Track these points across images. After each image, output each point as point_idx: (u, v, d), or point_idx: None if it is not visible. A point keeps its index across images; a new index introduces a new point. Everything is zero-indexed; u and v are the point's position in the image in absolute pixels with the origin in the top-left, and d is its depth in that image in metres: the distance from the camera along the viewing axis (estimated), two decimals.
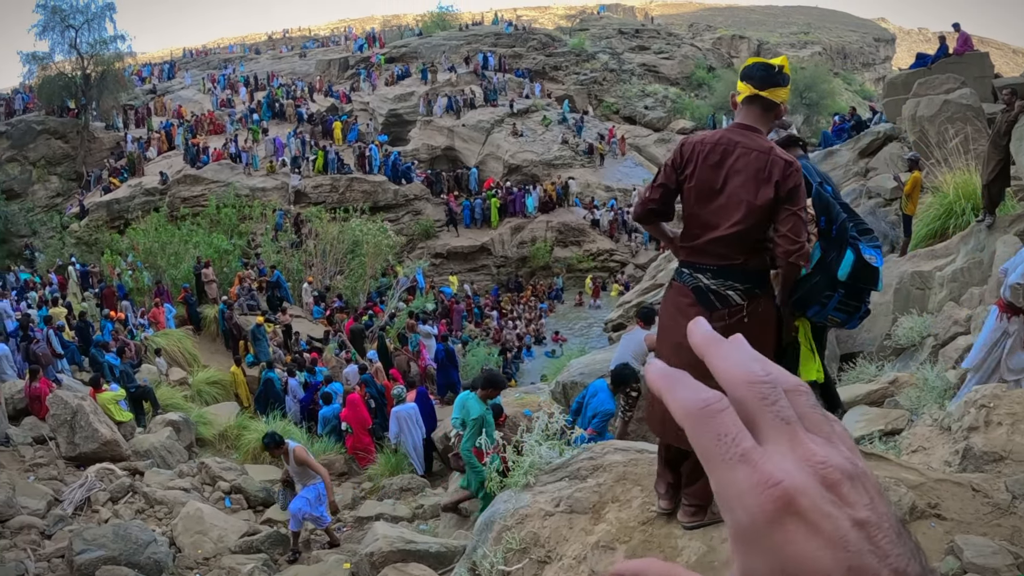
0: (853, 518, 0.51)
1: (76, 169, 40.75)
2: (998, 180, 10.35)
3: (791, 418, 0.54)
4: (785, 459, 0.52)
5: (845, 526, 0.50)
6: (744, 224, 3.57)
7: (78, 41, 40.82)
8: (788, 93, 3.73)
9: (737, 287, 3.64)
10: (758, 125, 3.70)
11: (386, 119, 43.83)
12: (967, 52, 18.74)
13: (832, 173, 17.63)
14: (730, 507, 0.52)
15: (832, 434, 0.56)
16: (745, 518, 0.51)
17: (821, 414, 0.57)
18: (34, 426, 12.45)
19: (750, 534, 0.51)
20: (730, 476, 0.52)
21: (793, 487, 0.50)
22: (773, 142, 3.67)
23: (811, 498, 0.50)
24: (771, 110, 3.71)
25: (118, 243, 28.31)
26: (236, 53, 64.52)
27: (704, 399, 0.54)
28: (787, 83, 3.72)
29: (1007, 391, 5.84)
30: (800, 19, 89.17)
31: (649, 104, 49.38)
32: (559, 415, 5.37)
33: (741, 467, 0.51)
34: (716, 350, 0.59)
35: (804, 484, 0.51)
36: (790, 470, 0.51)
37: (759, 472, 0.51)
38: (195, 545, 9.17)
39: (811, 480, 0.51)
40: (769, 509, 0.50)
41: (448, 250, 34.90)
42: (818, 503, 0.50)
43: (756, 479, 0.51)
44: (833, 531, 0.50)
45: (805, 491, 0.51)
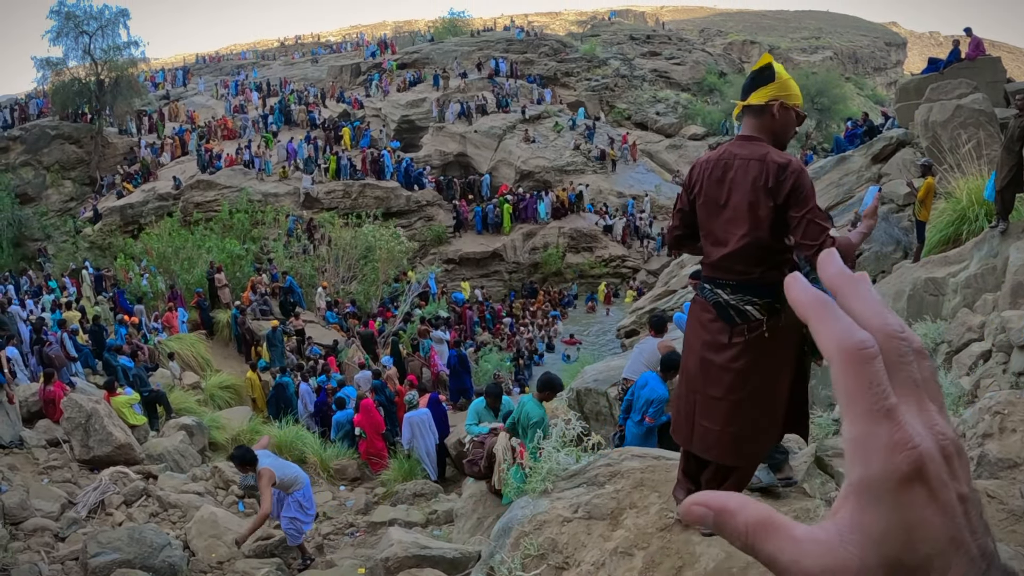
0: (959, 492, 0.53)
1: (90, 174, 40.92)
2: (1011, 185, 10.30)
3: (919, 381, 0.56)
4: (917, 422, 0.54)
5: (954, 499, 0.52)
6: (751, 236, 3.56)
7: (92, 47, 41.03)
8: (775, 89, 3.62)
9: (755, 302, 3.61)
10: (756, 133, 3.68)
11: (398, 125, 43.95)
12: (979, 57, 18.69)
13: (845, 179, 17.64)
14: (865, 458, 0.53)
15: (943, 404, 0.57)
16: (880, 472, 0.52)
17: (938, 382, 0.58)
18: (48, 429, 12.50)
19: (879, 488, 0.53)
20: (874, 428, 0.53)
21: (926, 452, 0.52)
22: (770, 147, 3.61)
23: (936, 467, 0.52)
24: (763, 114, 3.66)
25: (131, 248, 28.42)
26: (249, 59, 64.88)
27: (861, 340, 0.54)
28: (769, 80, 3.64)
29: (1021, 397, 5.82)
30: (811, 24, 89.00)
31: (661, 110, 49.43)
32: (576, 421, 5.38)
33: (885, 422, 0.53)
34: (853, 290, 0.59)
35: (933, 452, 0.53)
36: (924, 434, 0.53)
37: (903, 432, 0.52)
38: (209, 549, 9.19)
39: (935, 449, 0.53)
40: (904, 470, 0.52)
41: (460, 256, 34.92)
42: (940, 473, 0.52)
43: (899, 438, 0.52)
44: (947, 501, 0.52)
45: (933, 459, 0.52)
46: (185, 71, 57.45)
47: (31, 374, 15.27)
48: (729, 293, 3.66)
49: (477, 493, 8.81)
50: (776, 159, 3.51)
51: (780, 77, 3.65)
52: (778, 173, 3.48)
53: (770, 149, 3.58)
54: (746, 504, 0.57)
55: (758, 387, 3.62)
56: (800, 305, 0.58)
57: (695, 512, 0.58)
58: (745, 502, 0.57)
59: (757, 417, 3.65)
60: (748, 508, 0.57)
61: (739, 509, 0.57)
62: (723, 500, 0.58)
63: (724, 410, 3.66)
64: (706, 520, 0.58)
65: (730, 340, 3.64)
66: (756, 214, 3.53)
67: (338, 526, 11.08)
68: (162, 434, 14.17)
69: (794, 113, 3.68)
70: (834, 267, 0.61)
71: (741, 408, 3.63)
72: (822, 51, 75.16)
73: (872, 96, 65.10)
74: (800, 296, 0.59)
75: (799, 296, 0.59)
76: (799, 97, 3.71)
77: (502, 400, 9.11)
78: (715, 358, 3.69)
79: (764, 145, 3.61)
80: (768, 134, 3.65)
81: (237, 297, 23.91)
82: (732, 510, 0.57)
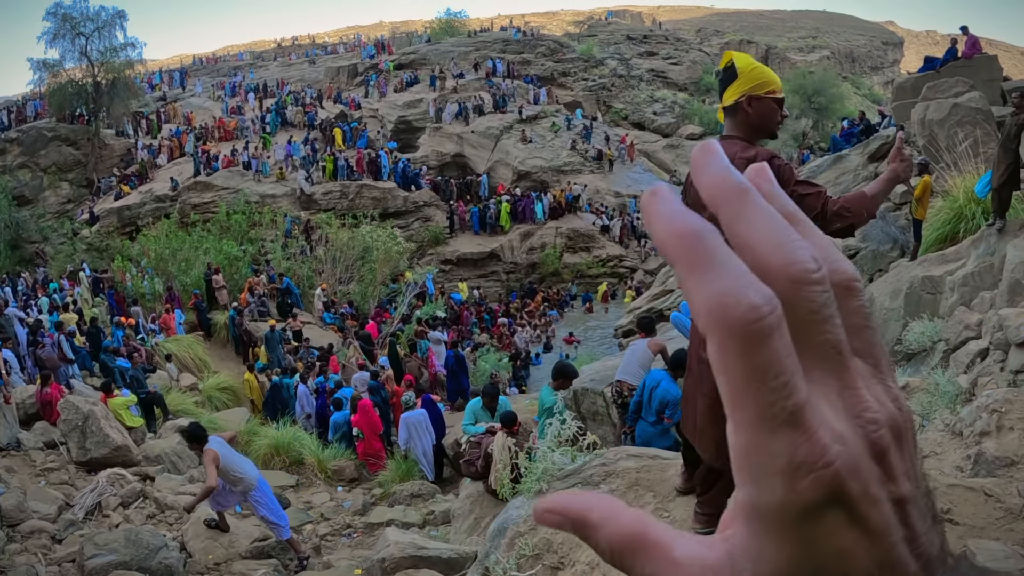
0: (894, 497, 0.40)
1: (87, 176, 40.89)
2: (1008, 184, 10.31)
3: (843, 344, 0.41)
4: (836, 413, 0.39)
5: (887, 511, 0.39)
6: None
7: (89, 48, 40.97)
8: (741, 84, 3.53)
9: None
10: (733, 132, 3.62)
11: (395, 126, 43.94)
12: (976, 55, 18.70)
13: (842, 178, 17.64)
14: (754, 478, 0.39)
15: (881, 359, 0.43)
16: (775, 501, 0.38)
17: (873, 326, 0.44)
18: (45, 431, 12.49)
19: (774, 519, 0.39)
20: (767, 440, 0.38)
21: (846, 467, 0.38)
22: (744, 143, 3.54)
23: (862, 480, 0.38)
24: (736, 113, 3.58)
25: (129, 249, 28.39)
26: (246, 60, 64.86)
27: (753, 306, 0.37)
28: (733, 78, 3.54)
29: (1019, 395, 5.82)
30: (808, 23, 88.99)
31: (658, 110, 49.48)
32: (571, 421, 5.38)
33: (785, 431, 0.38)
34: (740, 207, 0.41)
35: (856, 460, 0.39)
36: (845, 437, 0.39)
37: (810, 443, 0.37)
38: (206, 550, 9.18)
39: (862, 451, 0.39)
40: (810, 498, 0.38)
41: (458, 256, 34.92)
42: (867, 486, 0.39)
43: (804, 454, 0.37)
44: (877, 520, 0.39)
45: (857, 471, 0.38)
46: (182, 73, 57.43)
47: (28, 376, 15.25)
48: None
49: (474, 493, 8.81)
50: (743, 155, 3.42)
51: (744, 71, 3.54)
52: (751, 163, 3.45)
53: (741, 147, 3.50)
54: (613, 515, 0.43)
55: None
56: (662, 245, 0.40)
57: (547, 519, 0.45)
58: (613, 512, 0.43)
59: None
60: (613, 521, 0.43)
61: (602, 522, 0.43)
62: (583, 508, 0.44)
63: (711, 409, 3.60)
64: (564, 529, 0.44)
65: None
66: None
67: (335, 527, 11.07)
68: (159, 436, 14.16)
69: (770, 100, 3.55)
70: (710, 173, 0.42)
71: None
72: (819, 50, 75.19)
73: (869, 95, 65.15)
74: (661, 229, 0.40)
75: (660, 230, 0.40)
76: (771, 82, 3.57)
77: (499, 400, 9.11)
78: (706, 355, 3.67)
79: (737, 143, 3.54)
80: (746, 129, 3.59)
81: (235, 298, 23.89)
82: (593, 524, 0.43)
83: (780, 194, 0.44)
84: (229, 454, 8.70)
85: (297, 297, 24.90)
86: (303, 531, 10.89)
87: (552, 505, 0.45)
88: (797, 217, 0.43)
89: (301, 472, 13.80)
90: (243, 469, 8.81)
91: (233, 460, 8.73)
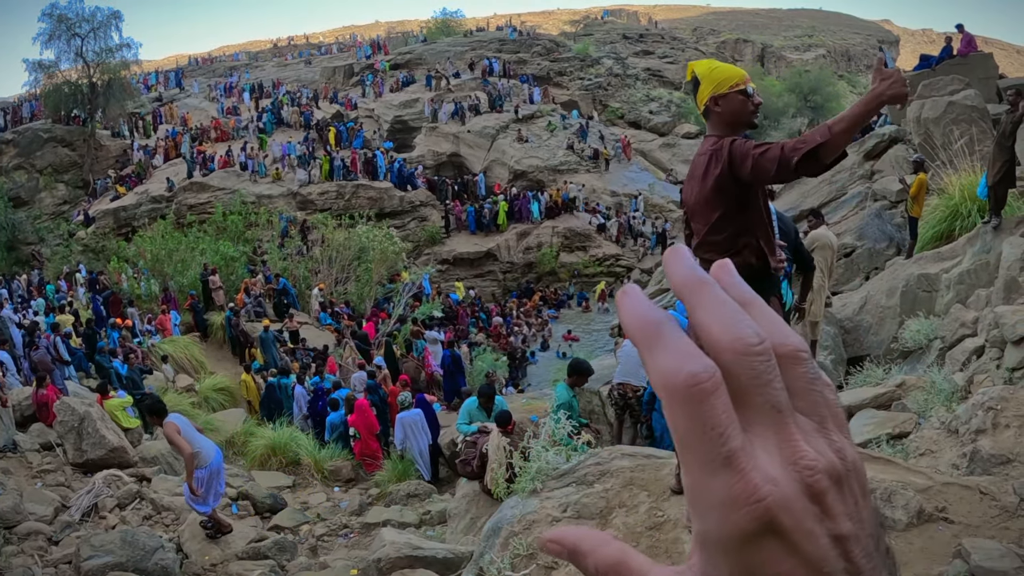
0: (833, 533, 0.45)
1: (83, 177, 40.83)
2: (1004, 181, 10.32)
3: (783, 404, 0.47)
4: (772, 460, 0.46)
5: (824, 544, 0.45)
6: (704, 223, 3.71)
7: (84, 49, 40.90)
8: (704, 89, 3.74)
9: None
10: (712, 132, 3.78)
11: (391, 126, 43.90)
12: (971, 53, 18.70)
13: (837, 176, 17.65)
14: (699, 513, 0.46)
15: (827, 416, 0.49)
16: (716, 530, 0.45)
17: (817, 389, 0.50)
18: (41, 432, 12.47)
19: (717, 546, 0.46)
20: (708, 480, 0.45)
21: (776, 504, 0.44)
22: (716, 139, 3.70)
23: (794, 515, 0.44)
24: (709, 115, 3.78)
25: (125, 250, 28.35)
26: (242, 61, 64.83)
27: (693, 373, 0.45)
28: (698, 86, 3.78)
29: (1015, 393, 5.82)
30: (804, 22, 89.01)
31: (654, 108, 49.47)
32: (565, 420, 5.37)
33: (722, 472, 0.45)
34: (699, 297, 0.49)
35: (789, 498, 0.45)
36: (777, 479, 0.45)
37: (744, 483, 0.44)
38: (202, 551, 9.17)
39: (797, 492, 0.45)
40: (746, 528, 0.44)
41: (454, 256, 34.89)
42: (801, 521, 0.45)
43: (738, 491, 0.44)
44: (812, 552, 0.45)
45: (789, 507, 0.44)
46: (178, 73, 57.34)
47: (24, 378, 15.23)
48: None
49: (470, 493, 8.80)
50: (710, 148, 3.67)
51: (704, 76, 3.75)
52: (716, 153, 3.60)
53: (711, 143, 3.69)
54: (601, 544, 0.52)
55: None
56: (629, 331, 0.49)
57: (550, 548, 0.54)
58: (601, 542, 0.52)
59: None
60: (601, 549, 0.51)
61: (591, 551, 0.51)
62: (576, 538, 0.52)
63: None
64: (562, 557, 0.53)
65: None
66: (710, 203, 3.66)
67: (332, 527, 11.05)
68: (156, 437, 14.13)
69: (735, 94, 3.70)
70: (679, 270, 0.51)
71: None
72: (815, 49, 75.21)
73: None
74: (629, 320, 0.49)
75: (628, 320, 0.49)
76: (731, 78, 3.72)
77: (495, 400, 9.11)
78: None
79: (710, 140, 3.73)
80: (722, 127, 3.73)
81: (231, 299, 23.87)
82: (584, 551, 0.52)
83: (738, 283, 0.52)
84: (188, 428, 8.75)
85: (293, 297, 24.87)
86: (300, 531, 10.89)
87: (553, 536, 0.53)
88: (752, 302, 0.51)
89: (298, 472, 13.79)
90: (200, 444, 8.84)
91: (192, 434, 8.77)
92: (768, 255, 3.76)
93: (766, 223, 3.76)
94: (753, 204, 3.69)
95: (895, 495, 4.06)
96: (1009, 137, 10.19)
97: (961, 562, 3.59)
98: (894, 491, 4.07)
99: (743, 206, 3.67)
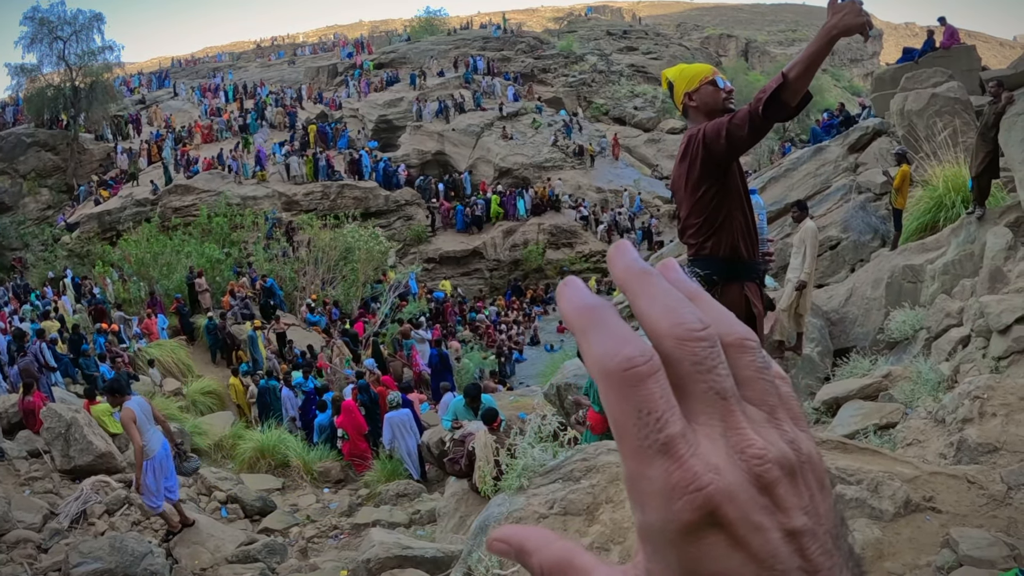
0: (785, 528, 0.43)
1: (67, 181, 40.61)
2: (987, 172, 10.38)
3: (728, 391, 0.45)
4: (716, 449, 0.43)
5: (775, 539, 0.42)
6: (685, 207, 3.80)
7: (66, 52, 40.70)
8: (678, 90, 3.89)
9: (698, 272, 3.76)
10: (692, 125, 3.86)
11: (376, 125, 43.83)
12: (954, 46, 18.78)
13: (822, 169, 17.71)
14: (640, 502, 0.44)
15: (777, 406, 0.47)
16: (656, 521, 0.43)
17: (767, 378, 0.48)
18: (28, 440, 12.39)
19: (658, 538, 0.43)
20: (644, 468, 0.42)
21: (719, 492, 0.41)
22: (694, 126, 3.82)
23: (740, 506, 0.42)
24: (688, 112, 3.91)
25: (110, 255, 28.18)
26: (225, 62, 64.64)
27: (628, 356, 0.43)
28: (672, 90, 3.96)
29: (1001, 382, 5.84)
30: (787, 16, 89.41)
31: (638, 104, 49.48)
32: (551, 417, 5.37)
33: (660, 460, 0.42)
34: (641, 286, 0.47)
35: (734, 488, 0.42)
36: (720, 467, 0.42)
37: (682, 470, 0.42)
38: (192, 556, 9.14)
39: (743, 481, 0.42)
40: (686, 519, 0.42)
41: (440, 255, 34.87)
42: (747, 513, 0.42)
43: (676, 479, 0.42)
44: (761, 546, 0.42)
45: (734, 497, 0.42)
46: (161, 75, 57.06)
47: (11, 385, 15.14)
48: (688, 267, 3.85)
49: (459, 491, 8.80)
50: (689, 134, 3.76)
51: (676, 78, 3.93)
52: (694, 138, 3.68)
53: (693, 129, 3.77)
54: (546, 543, 0.49)
55: None
56: (567, 319, 0.47)
57: (495, 547, 0.52)
58: (545, 541, 0.49)
59: None
60: (546, 548, 0.49)
61: (536, 549, 0.49)
62: (522, 537, 0.50)
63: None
64: (509, 556, 0.51)
65: None
66: (689, 187, 3.74)
67: (322, 529, 11.04)
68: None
69: (706, 86, 3.83)
70: (620, 263, 0.49)
71: None
72: (799, 43, 75.42)
73: (849, 87, 65.48)
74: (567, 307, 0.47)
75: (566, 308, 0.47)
76: (699, 74, 3.88)
77: (481, 399, 9.11)
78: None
79: (691, 128, 3.80)
80: (700, 119, 3.84)
81: (218, 302, 23.77)
82: (528, 550, 0.49)
83: (684, 279, 0.50)
84: (143, 419, 8.72)
85: (280, 299, 24.79)
86: (290, 534, 10.86)
87: (499, 535, 0.52)
88: (699, 296, 0.49)
89: (287, 474, 13.76)
90: (148, 436, 8.82)
91: (144, 426, 8.77)
92: (747, 240, 3.78)
93: (744, 208, 3.79)
94: (731, 187, 3.74)
95: (882, 485, 4.06)
96: (992, 128, 10.23)
97: (949, 551, 3.60)
98: (881, 481, 4.08)
99: (720, 190, 3.71)
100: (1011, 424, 5.27)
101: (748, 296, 3.79)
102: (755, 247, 3.85)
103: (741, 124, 3.40)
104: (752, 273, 3.85)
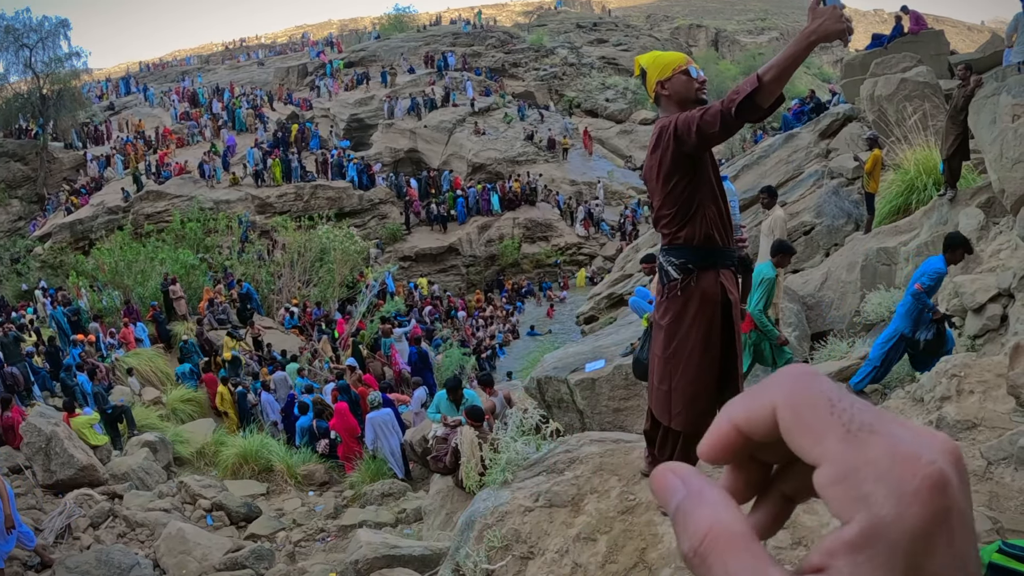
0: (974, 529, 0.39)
1: (37, 191, 40.16)
2: (957, 154, 10.48)
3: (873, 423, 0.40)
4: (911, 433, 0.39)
5: (972, 543, 0.38)
6: (658, 198, 3.80)
7: (33, 60, 40.22)
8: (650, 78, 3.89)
9: (673, 262, 3.79)
10: (664, 114, 3.87)
11: (347, 124, 43.65)
12: (922, 31, 18.92)
13: (793, 156, 17.80)
14: (859, 499, 0.38)
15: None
16: (890, 513, 0.37)
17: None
18: (9, 456, 12.29)
19: (891, 533, 0.37)
20: (860, 450, 0.38)
21: (948, 471, 0.37)
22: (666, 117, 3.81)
23: (959, 494, 0.37)
24: (660, 100, 3.90)
25: (83, 264, 27.89)
26: (194, 65, 64.13)
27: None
28: (644, 77, 3.95)
29: (977, 360, 5.90)
30: (756, 5, 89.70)
31: (610, 96, 49.58)
32: (533, 410, 5.38)
33: (874, 438, 0.38)
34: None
35: (950, 471, 0.38)
36: (931, 446, 0.39)
37: (905, 444, 0.38)
38: (179, 565, 9.09)
39: (952, 463, 0.39)
40: (930, 505, 0.37)
41: (416, 252, 34.78)
42: (963, 503, 0.38)
43: (905, 450, 0.38)
44: (962, 548, 0.37)
45: (952, 481, 0.38)
46: (128, 80, 56.51)
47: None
48: (662, 255, 3.88)
49: (444, 489, 8.80)
50: (661, 124, 3.74)
51: (649, 65, 3.92)
52: (665, 129, 3.68)
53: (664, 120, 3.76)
54: (723, 505, 0.41)
55: (684, 346, 3.77)
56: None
57: (665, 480, 0.44)
58: (722, 502, 0.42)
59: (688, 377, 3.78)
60: (723, 511, 0.41)
61: (711, 504, 0.41)
62: (701, 485, 0.43)
63: (657, 367, 3.88)
64: (676, 493, 0.43)
65: (662, 298, 3.87)
66: (661, 177, 3.74)
67: (309, 532, 11.00)
68: (125, 452, 13.98)
69: (678, 75, 3.82)
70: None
71: (668, 365, 3.81)
72: (768, 32, 75.90)
73: (819, 74, 65.68)
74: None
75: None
76: (672, 63, 3.86)
77: (463, 393, 9.11)
78: (656, 317, 3.94)
79: (663, 119, 3.79)
80: (672, 108, 3.83)
81: (193, 308, 23.61)
82: (703, 501, 0.42)
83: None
84: None
85: (257, 303, 24.66)
86: (277, 538, 10.82)
87: (674, 467, 0.46)
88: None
89: (271, 479, 13.70)
90: None
91: None
92: (720, 228, 3.80)
93: (717, 197, 3.80)
94: (703, 177, 3.74)
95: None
96: (961, 111, 10.34)
97: None
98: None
99: (693, 180, 3.71)
100: (988, 401, 5.33)
101: (723, 283, 3.81)
102: (729, 235, 3.85)
103: (712, 121, 3.40)
104: (727, 260, 3.86)
